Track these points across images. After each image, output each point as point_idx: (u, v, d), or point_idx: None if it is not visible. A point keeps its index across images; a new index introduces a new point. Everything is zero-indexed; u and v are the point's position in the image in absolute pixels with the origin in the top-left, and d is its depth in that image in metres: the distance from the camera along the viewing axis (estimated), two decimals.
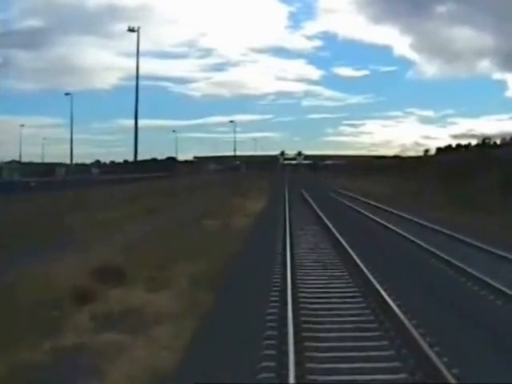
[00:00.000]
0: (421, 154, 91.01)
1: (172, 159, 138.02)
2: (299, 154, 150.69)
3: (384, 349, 7.53)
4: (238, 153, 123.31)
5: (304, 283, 11.60)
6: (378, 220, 23.25)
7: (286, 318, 8.36)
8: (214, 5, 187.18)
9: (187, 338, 8.13)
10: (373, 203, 31.93)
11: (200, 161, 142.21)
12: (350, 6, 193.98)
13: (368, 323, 8.69)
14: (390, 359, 7.13)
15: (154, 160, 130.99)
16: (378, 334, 8.19)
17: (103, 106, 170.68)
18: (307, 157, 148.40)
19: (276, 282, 11.51)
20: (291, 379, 6.07)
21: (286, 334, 7.56)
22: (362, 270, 11.78)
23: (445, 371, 6.13)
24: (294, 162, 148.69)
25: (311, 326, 8.51)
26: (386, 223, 21.88)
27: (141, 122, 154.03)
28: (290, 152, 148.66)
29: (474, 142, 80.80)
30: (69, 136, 74.27)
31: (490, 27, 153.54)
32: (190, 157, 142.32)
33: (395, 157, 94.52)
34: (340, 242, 16.10)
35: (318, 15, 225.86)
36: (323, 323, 8.69)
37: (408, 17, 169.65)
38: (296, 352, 6.87)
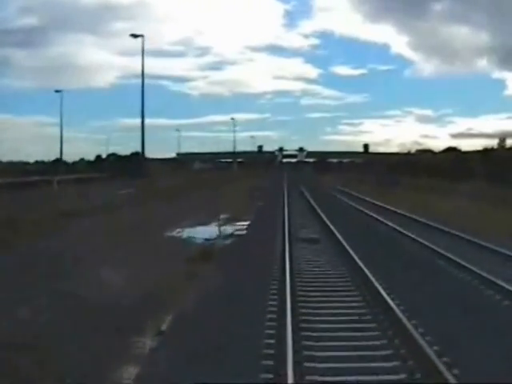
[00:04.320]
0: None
1: (138, 155, 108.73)
2: (301, 150, 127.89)
3: None
4: (230, 149, 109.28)
5: None
6: None
7: None
8: (210, 3, 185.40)
9: None
10: None
11: (184, 158, 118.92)
12: (345, 3, 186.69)
13: None
14: None
15: (113, 155, 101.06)
16: None
17: (101, 105, 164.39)
18: (310, 154, 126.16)
19: None
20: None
21: None
22: None
23: None
24: (294, 159, 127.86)
25: None
26: None
27: (139, 121, 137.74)
28: (290, 148, 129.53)
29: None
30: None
31: (488, 25, 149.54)
32: (172, 154, 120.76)
33: (447, 150, 64.24)
34: None
35: (314, 13, 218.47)
36: None
37: (405, 15, 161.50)
38: None
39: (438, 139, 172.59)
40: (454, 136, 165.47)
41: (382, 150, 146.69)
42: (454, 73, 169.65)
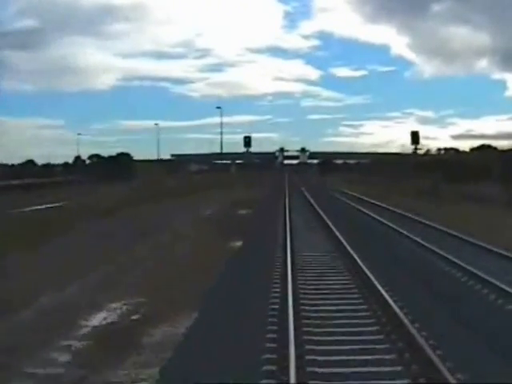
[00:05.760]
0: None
1: (126, 156, 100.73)
2: (303, 150, 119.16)
3: None
4: (231, 151, 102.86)
5: None
6: None
7: None
8: (210, 5, 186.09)
9: None
10: None
11: (179, 160, 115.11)
12: (345, 4, 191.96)
13: None
14: None
15: (96, 157, 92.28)
16: None
17: (102, 107, 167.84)
18: (313, 154, 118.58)
19: None
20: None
21: None
22: None
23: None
24: (295, 161, 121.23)
25: None
26: None
27: (140, 123, 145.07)
28: (291, 149, 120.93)
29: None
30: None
31: (488, 26, 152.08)
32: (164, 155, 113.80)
33: (477, 148, 53.96)
34: None
35: (314, 14, 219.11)
36: None
37: (404, 15, 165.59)
38: None
39: (439, 140, 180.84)
40: (455, 137, 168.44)
41: (381, 151, 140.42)
42: (454, 74, 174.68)
